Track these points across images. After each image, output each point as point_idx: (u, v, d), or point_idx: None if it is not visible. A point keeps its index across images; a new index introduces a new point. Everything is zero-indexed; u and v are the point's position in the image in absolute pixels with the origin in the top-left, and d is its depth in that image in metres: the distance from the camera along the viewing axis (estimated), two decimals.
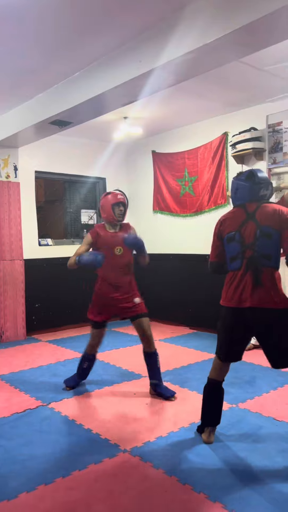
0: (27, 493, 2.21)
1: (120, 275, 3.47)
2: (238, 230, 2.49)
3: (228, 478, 2.29)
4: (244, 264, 2.45)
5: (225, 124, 5.40)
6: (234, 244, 2.49)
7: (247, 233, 2.46)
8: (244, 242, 2.46)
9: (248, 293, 2.42)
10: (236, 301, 2.47)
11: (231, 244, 2.51)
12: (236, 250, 2.49)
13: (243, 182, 2.55)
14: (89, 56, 3.60)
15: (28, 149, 5.74)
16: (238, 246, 2.47)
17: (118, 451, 2.61)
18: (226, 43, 2.74)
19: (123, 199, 3.52)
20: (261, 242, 2.40)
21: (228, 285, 2.55)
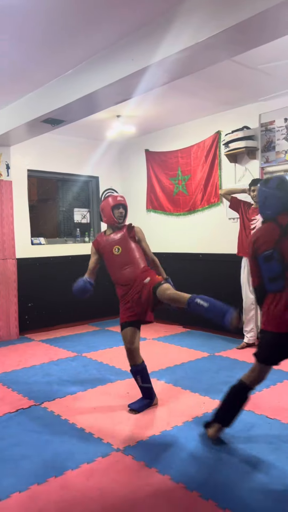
0: (19, 493, 2.20)
1: (125, 273, 3.34)
2: (275, 247, 2.28)
3: (221, 476, 2.30)
4: (287, 285, 2.27)
5: (218, 123, 5.41)
6: (273, 263, 2.29)
7: (286, 250, 2.27)
8: (284, 260, 2.26)
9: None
10: (283, 327, 2.29)
11: (270, 263, 2.31)
12: (276, 269, 2.29)
13: (273, 191, 2.35)
14: (81, 54, 3.58)
15: (20, 147, 5.71)
16: (278, 266, 2.28)
17: (111, 450, 2.60)
18: (218, 41, 2.74)
19: (123, 201, 3.48)
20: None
21: (271, 309, 2.34)
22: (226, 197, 4.84)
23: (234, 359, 4.39)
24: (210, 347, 4.91)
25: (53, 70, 3.89)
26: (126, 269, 3.35)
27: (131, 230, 3.48)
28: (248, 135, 4.93)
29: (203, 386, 3.65)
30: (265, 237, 2.35)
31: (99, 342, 5.26)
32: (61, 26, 3.11)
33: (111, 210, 3.43)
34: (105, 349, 4.93)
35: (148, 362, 4.32)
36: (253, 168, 5.07)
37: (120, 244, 3.40)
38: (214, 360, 4.42)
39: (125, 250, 3.39)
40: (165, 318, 6.25)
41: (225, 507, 2.03)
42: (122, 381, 3.83)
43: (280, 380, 3.70)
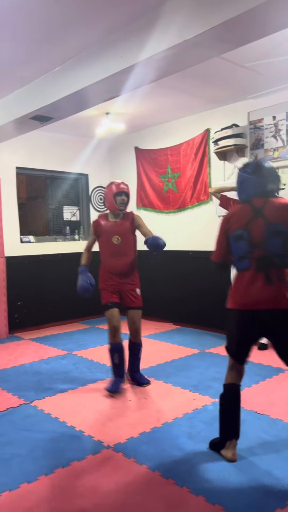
0: (9, 492, 2.20)
1: (119, 263, 3.54)
2: (246, 228, 2.31)
3: (210, 471, 2.32)
4: (253, 264, 2.29)
5: (207, 120, 5.42)
6: (242, 243, 2.33)
7: (255, 231, 2.29)
8: (252, 240, 2.29)
9: (262, 295, 2.26)
10: (249, 304, 2.30)
11: (239, 243, 2.35)
12: (245, 249, 2.32)
13: (249, 175, 2.38)
14: (70, 51, 3.56)
15: (9, 144, 5.66)
16: (247, 245, 2.31)
17: (101, 448, 2.61)
18: (206, 39, 2.74)
19: (125, 188, 3.57)
20: (271, 240, 2.25)
21: (237, 287, 2.37)
22: (215, 195, 4.85)
23: (224, 356, 4.39)
24: (200, 344, 4.93)
25: (41, 66, 3.86)
26: (121, 259, 3.54)
27: (134, 221, 3.61)
28: (237, 132, 4.95)
29: (193, 382, 3.67)
30: (238, 217, 2.39)
31: (89, 340, 5.26)
32: (49, 23, 3.08)
33: (113, 197, 3.52)
34: (95, 347, 4.93)
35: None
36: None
37: (121, 235, 3.55)
38: (204, 356, 4.44)
39: (124, 241, 3.55)
40: (156, 316, 6.27)
41: (215, 502, 2.04)
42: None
43: (269, 376, 3.74)
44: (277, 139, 4.71)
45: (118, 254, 3.53)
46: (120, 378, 3.53)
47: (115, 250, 3.53)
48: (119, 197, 3.51)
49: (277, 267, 2.26)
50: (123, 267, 3.54)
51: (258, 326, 2.32)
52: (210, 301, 5.49)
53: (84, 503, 2.09)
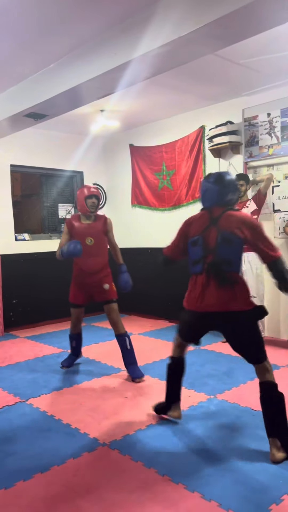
0: (5, 490, 2.20)
1: (91, 263, 3.81)
2: (201, 235, 2.53)
3: (206, 468, 2.32)
4: (205, 268, 2.48)
5: (202, 117, 5.41)
6: (197, 248, 2.53)
7: (209, 239, 2.49)
8: (206, 247, 2.49)
9: (212, 298, 2.45)
10: (201, 306, 2.50)
11: (195, 248, 2.56)
12: (199, 254, 2.52)
13: (211, 185, 2.57)
14: (64, 48, 3.54)
15: (3, 142, 5.63)
16: (201, 251, 2.51)
17: (97, 445, 2.61)
18: (200, 36, 2.74)
19: (95, 192, 3.80)
20: (221, 247, 2.44)
21: (191, 289, 2.60)
22: None
23: (219, 353, 4.44)
24: None
25: (35, 64, 3.84)
26: (94, 259, 3.81)
27: (106, 225, 3.89)
28: (231, 129, 4.95)
29: (189, 379, 3.66)
30: (197, 224, 2.61)
31: (85, 338, 5.23)
32: (43, 20, 3.07)
33: (84, 200, 3.76)
34: (91, 345, 4.93)
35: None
36: (237, 163, 5.09)
37: (94, 237, 3.80)
38: (199, 353, 4.45)
39: (97, 242, 3.81)
40: (151, 313, 6.28)
41: (210, 499, 2.05)
42: (108, 376, 3.84)
43: None
44: (271, 136, 4.72)
45: (91, 254, 3.76)
46: (74, 356, 4.17)
47: (88, 251, 3.73)
48: (90, 200, 3.74)
49: (226, 272, 2.43)
50: (95, 266, 3.81)
51: (209, 325, 2.59)
52: None
53: (79, 501, 2.09)
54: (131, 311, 6.63)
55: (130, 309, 6.64)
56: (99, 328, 5.81)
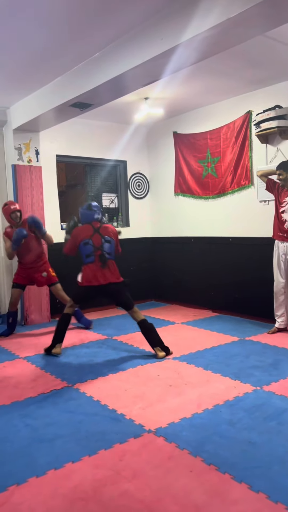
0: (55, 470, 2.27)
1: (28, 257, 5.01)
2: (90, 238, 4.09)
3: (253, 459, 2.30)
4: (96, 259, 4.04)
5: (249, 102, 5.26)
6: (89, 246, 4.07)
7: (96, 240, 4.09)
8: (94, 246, 4.08)
9: (102, 276, 4.03)
10: (96, 281, 4.02)
11: (86, 246, 4.07)
12: (90, 250, 4.06)
13: (86, 211, 4.22)
14: (109, 36, 3.54)
15: (49, 133, 5.74)
16: (92, 248, 4.06)
17: (142, 431, 2.64)
18: (250, 17, 2.65)
19: (17, 208, 5.00)
20: (105, 245, 4.10)
21: (87, 273, 4.04)
22: (262, 178, 4.75)
23: (265, 344, 4.35)
24: (240, 331, 4.87)
25: (80, 53, 3.86)
26: (29, 253, 5.00)
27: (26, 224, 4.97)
28: (280, 114, 4.77)
29: (234, 370, 3.63)
30: (84, 232, 4.13)
31: (128, 326, 5.30)
32: (87, 8, 3.07)
33: (9, 216, 4.97)
34: (134, 333, 4.97)
35: (177, 346, 4.36)
36: (285, 149, 4.92)
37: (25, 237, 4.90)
38: (244, 344, 4.39)
39: (27, 241, 4.92)
40: (194, 303, 6.24)
41: (258, 490, 2.03)
42: (152, 364, 3.87)
43: None
44: None
45: (26, 250, 4.96)
46: (9, 330, 5.09)
47: (24, 248, 4.93)
48: (14, 214, 4.95)
49: (109, 260, 4.09)
50: (31, 258, 5.02)
51: (101, 293, 4.09)
52: (250, 288, 5.39)
53: (126, 485, 2.13)
54: (173, 301, 6.63)
55: (172, 299, 6.64)
56: None
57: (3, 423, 2.83)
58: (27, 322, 5.62)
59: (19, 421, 2.86)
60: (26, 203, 5.55)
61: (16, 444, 2.56)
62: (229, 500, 1.98)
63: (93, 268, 4.03)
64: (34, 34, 3.46)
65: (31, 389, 3.38)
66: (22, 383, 3.52)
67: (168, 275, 6.70)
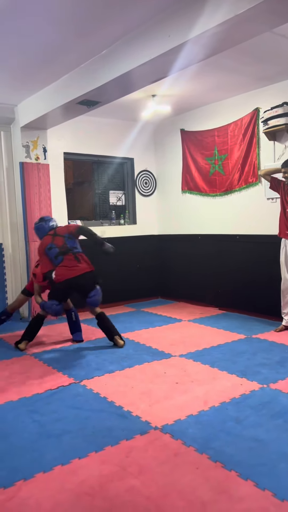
0: (62, 466, 2.29)
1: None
2: (52, 242, 4.35)
3: (259, 456, 2.30)
4: (64, 257, 4.27)
5: (257, 99, 5.23)
6: (53, 249, 4.32)
7: (58, 242, 4.35)
8: (58, 246, 4.33)
9: (77, 267, 4.26)
10: (71, 274, 4.22)
11: (51, 250, 4.32)
12: (56, 251, 4.30)
13: (39, 224, 4.59)
14: (116, 33, 3.53)
15: (56, 130, 5.75)
16: (56, 250, 4.30)
17: (149, 428, 2.65)
18: (258, 13, 2.63)
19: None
20: (69, 242, 4.36)
21: (61, 271, 4.24)
22: (266, 177, 4.72)
23: (272, 342, 4.34)
24: (247, 329, 4.86)
25: (87, 51, 3.86)
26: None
27: None
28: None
29: (240, 368, 3.63)
30: (45, 241, 4.40)
31: (135, 323, 5.33)
32: (94, 5, 3.06)
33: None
34: (141, 330, 4.99)
35: (184, 343, 4.36)
36: None
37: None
38: (251, 342, 4.38)
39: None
40: (200, 300, 6.24)
41: (264, 488, 2.03)
42: (158, 361, 3.88)
43: None
44: None
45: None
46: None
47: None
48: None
49: (77, 252, 4.34)
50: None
51: (76, 284, 4.24)
52: (257, 286, 5.38)
53: (132, 481, 2.14)
54: (180, 298, 6.63)
55: (179, 296, 6.64)
56: (149, 313, 5.86)
57: (11, 419, 2.86)
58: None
59: (27, 416, 2.88)
60: (34, 201, 5.58)
61: (23, 440, 2.58)
62: (235, 497, 1.98)
63: (65, 264, 4.24)
64: (42, 32, 3.46)
65: (39, 385, 3.41)
66: (29, 379, 3.54)
67: (175, 273, 6.70)
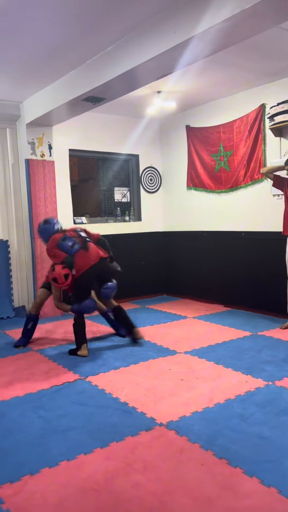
0: (67, 461, 2.30)
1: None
2: (65, 234, 4.24)
3: (265, 453, 2.30)
4: (80, 247, 4.13)
5: (263, 95, 5.20)
6: (68, 239, 4.18)
7: (72, 234, 4.26)
8: (72, 236, 4.22)
9: (92, 255, 4.11)
10: (89, 263, 4.08)
11: (65, 241, 4.17)
12: (72, 240, 4.17)
13: (44, 226, 4.40)
14: (121, 29, 3.52)
15: (62, 127, 5.75)
16: (72, 240, 4.18)
17: (154, 425, 2.66)
18: (264, 8, 2.62)
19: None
20: (79, 233, 4.32)
21: (79, 261, 4.07)
22: (268, 176, 4.69)
23: (278, 339, 4.33)
24: (253, 326, 4.85)
25: (93, 47, 3.85)
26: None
27: None
28: None
29: (245, 365, 3.63)
30: (57, 236, 4.22)
31: (140, 319, 5.33)
32: (100, 1, 3.05)
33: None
34: (146, 326, 4.99)
35: (189, 340, 4.36)
36: None
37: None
38: (256, 339, 4.37)
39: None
40: (206, 297, 6.23)
41: (270, 485, 2.03)
42: (163, 358, 3.88)
43: None
44: None
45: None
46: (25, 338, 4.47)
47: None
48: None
49: (90, 242, 4.24)
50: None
51: (97, 270, 4.12)
52: (262, 282, 5.36)
53: (138, 477, 2.15)
54: (185, 295, 6.62)
55: (184, 293, 6.64)
56: (154, 310, 5.86)
57: (17, 415, 2.88)
58: (40, 315, 5.66)
59: (33, 412, 2.90)
60: (39, 198, 5.59)
61: (29, 435, 2.60)
62: (240, 494, 1.98)
63: (81, 254, 4.07)
64: (47, 29, 3.46)
65: (44, 381, 3.43)
66: (35, 375, 3.56)
67: (180, 269, 6.69)
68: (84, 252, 4.08)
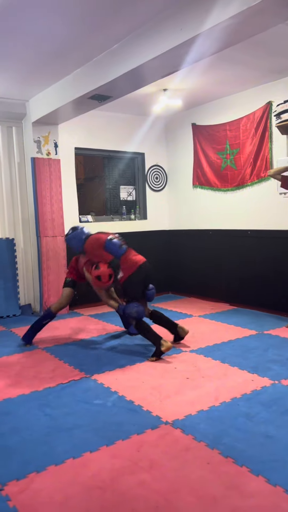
0: (73, 459, 2.31)
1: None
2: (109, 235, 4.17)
3: (271, 453, 2.29)
4: (127, 248, 4.15)
5: (269, 93, 5.16)
6: (114, 241, 4.11)
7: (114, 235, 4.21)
8: (118, 238, 4.18)
9: (138, 258, 4.11)
10: (139, 261, 4.08)
11: (113, 241, 4.10)
12: (118, 243, 4.10)
13: (77, 231, 4.33)
14: (127, 27, 3.51)
15: (67, 125, 5.76)
16: (118, 241, 4.12)
17: (160, 423, 2.66)
18: (271, 5, 2.60)
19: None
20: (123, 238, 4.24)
21: (126, 261, 4.06)
22: (276, 177, 4.66)
23: (284, 338, 4.31)
24: (259, 325, 4.84)
25: (98, 45, 3.85)
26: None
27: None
28: None
29: (251, 363, 3.62)
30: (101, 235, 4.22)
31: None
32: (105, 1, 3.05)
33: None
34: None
35: (195, 339, 4.35)
36: None
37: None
38: (262, 338, 4.35)
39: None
40: (211, 296, 6.22)
41: (276, 483, 2.02)
42: (169, 356, 3.88)
43: None
44: None
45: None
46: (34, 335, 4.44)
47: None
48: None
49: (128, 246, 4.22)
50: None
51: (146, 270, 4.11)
52: (268, 281, 5.34)
53: (143, 475, 2.15)
54: (190, 293, 6.61)
55: (189, 291, 6.63)
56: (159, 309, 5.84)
57: (23, 412, 2.89)
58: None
59: (38, 410, 2.91)
60: (45, 196, 5.60)
61: (35, 433, 2.61)
62: (246, 493, 1.98)
63: (131, 254, 4.09)
64: (53, 27, 3.46)
65: (50, 379, 3.44)
66: (41, 373, 3.57)
67: (186, 268, 6.68)
68: (133, 251, 4.14)
